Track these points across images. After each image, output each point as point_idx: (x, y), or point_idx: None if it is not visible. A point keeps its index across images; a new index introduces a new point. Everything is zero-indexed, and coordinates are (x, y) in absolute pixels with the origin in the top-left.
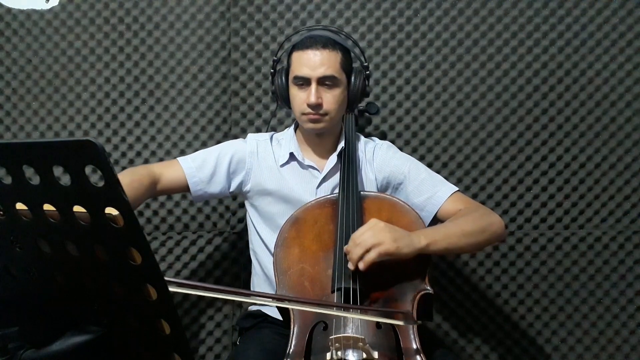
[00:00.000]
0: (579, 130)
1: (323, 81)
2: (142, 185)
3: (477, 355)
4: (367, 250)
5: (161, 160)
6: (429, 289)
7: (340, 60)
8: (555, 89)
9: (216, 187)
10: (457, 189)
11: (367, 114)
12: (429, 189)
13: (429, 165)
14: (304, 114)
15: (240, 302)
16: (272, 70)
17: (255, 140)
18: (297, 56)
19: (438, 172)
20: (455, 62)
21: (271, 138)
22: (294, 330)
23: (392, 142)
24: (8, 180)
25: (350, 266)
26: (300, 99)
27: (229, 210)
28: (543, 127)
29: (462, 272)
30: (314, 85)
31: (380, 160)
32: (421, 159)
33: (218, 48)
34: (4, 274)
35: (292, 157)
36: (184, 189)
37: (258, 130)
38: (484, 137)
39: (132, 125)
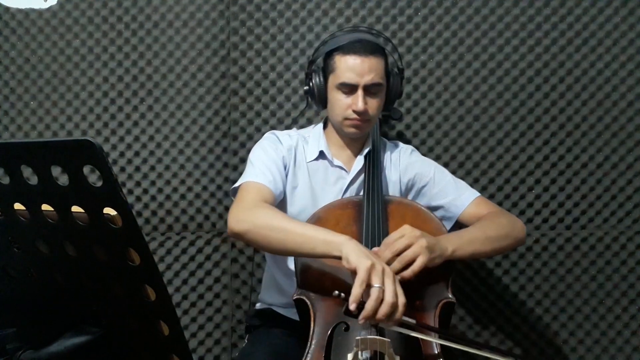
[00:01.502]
0: (581, 130)
1: (369, 88)
2: None
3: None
4: (404, 265)
5: (159, 160)
6: (451, 297)
7: (384, 67)
8: (557, 88)
9: (281, 189)
10: (480, 194)
11: (391, 120)
12: (452, 192)
13: None
14: (347, 119)
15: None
16: (307, 71)
17: (287, 135)
18: (342, 60)
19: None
20: (456, 61)
21: (298, 133)
22: (314, 329)
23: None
24: (6, 180)
25: None
26: (345, 104)
27: (228, 210)
28: (545, 127)
29: (463, 273)
30: (360, 92)
31: (405, 162)
32: None
33: (217, 47)
34: (2, 274)
35: (321, 155)
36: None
37: (257, 129)
38: (485, 136)
39: (131, 125)
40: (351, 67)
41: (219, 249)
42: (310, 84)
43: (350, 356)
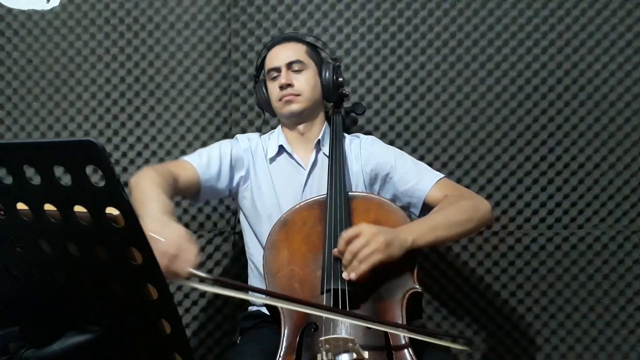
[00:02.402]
0: (578, 130)
1: (291, 66)
2: (170, 186)
3: (477, 356)
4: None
5: (162, 160)
6: (417, 287)
7: (305, 50)
8: (555, 89)
9: (222, 183)
10: (443, 175)
11: (354, 114)
12: (414, 177)
13: (429, 165)
14: (279, 100)
15: (242, 301)
16: (253, 85)
17: (246, 138)
18: (267, 56)
19: (437, 171)
20: (454, 63)
21: (260, 136)
22: (285, 331)
23: (392, 142)
24: (9, 180)
25: (345, 276)
26: (275, 87)
27: (230, 210)
28: (542, 127)
29: (462, 272)
30: (283, 71)
31: (366, 153)
32: (421, 158)
33: (218, 48)
34: (5, 273)
35: (280, 150)
36: (196, 189)
37: (258, 130)
38: (483, 137)
39: (133, 126)
40: (273, 55)
41: (220, 248)
42: (256, 96)
43: (319, 357)
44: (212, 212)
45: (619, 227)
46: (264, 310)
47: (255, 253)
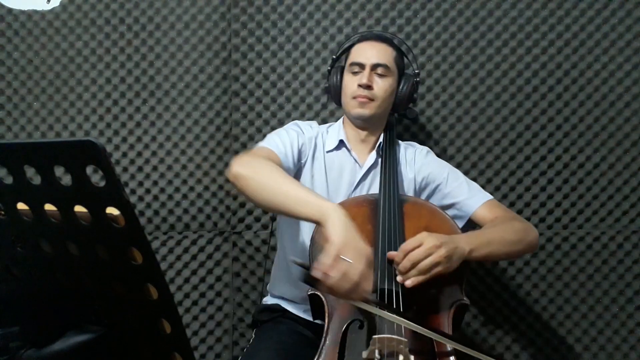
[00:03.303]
0: (578, 130)
1: (376, 68)
2: None
3: None
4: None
5: (162, 160)
6: (465, 299)
7: (394, 55)
8: (554, 90)
9: (291, 172)
10: (492, 197)
11: (405, 119)
12: (465, 192)
13: None
14: (354, 97)
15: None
16: (329, 68)
17: (309, 126)
18: (355, 47)
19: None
20: (454, 63)
21: (319, 126)
22: (329, 325)
23: None
24: (9, 180)
25: (400, 279)
26: (353, 82)
27: (230, 210)
28: (542, 128)
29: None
30: (367, 70)
31: (420, 162)
32: None
33: (219, 49)
34: (6, 273)
35: (340, 144)
36: None
37: (258, 130)
38: (483, 137)
39: (133, 126)
40: (361, 49)
41: (221, 248)
42: (329, 81)
43: (364, 354)
44: (212, 212)
45: (619, 227)
46: (282, 304)
47: (288, 241)
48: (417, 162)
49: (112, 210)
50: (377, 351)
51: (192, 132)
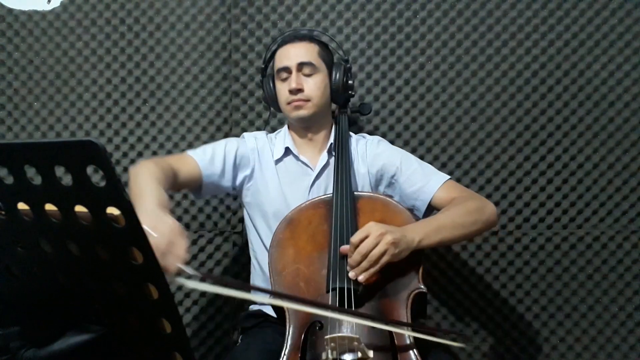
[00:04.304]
0: (577, 130)
1: (302, 68)
2: (168, 179)
3: (476, 355)
4: (372, 264)
5: None
6: (422, 287)
7: (317, 51)
8: (554, 90)
9: (226, 181)
10: (449, 177)
11: (360, 115)
12: (421, 179)
13: None
14: (288, 103)
15: (242, 300)
16: (261, 78)
17: (253, 137)
18: (278, 53)
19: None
20: (454, 63)
21: (267, 135)
22: (289, 330)
23: (391, 142)
24: (10, 180)
25: (352, 275)
26: (284, 89)
27: (230, 209)
28: (542, 128)
29: (461, 271)
30: (294, 73)
31: (372, 154)
32: (420, 158)
33: (219, 49)
34: (6, 273)
35: (287, 151)
36: (197, 184)
37: (259, 130)
38: (482, 137)
39: (134, 126)
40: (284, 53)
41: (221, 247)
42: (263, 91)
43: (324, 355)
44: (212, 212)
45: (618, 227)
46: (266, 309)
47: (259, 252)
48: (369, 155)
49: (112, 210)
50: (332, 351)
51: (193, 132)
